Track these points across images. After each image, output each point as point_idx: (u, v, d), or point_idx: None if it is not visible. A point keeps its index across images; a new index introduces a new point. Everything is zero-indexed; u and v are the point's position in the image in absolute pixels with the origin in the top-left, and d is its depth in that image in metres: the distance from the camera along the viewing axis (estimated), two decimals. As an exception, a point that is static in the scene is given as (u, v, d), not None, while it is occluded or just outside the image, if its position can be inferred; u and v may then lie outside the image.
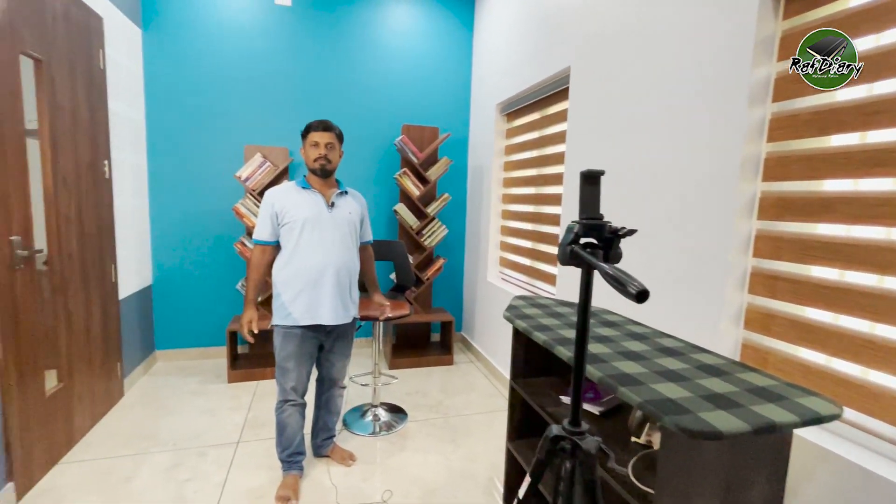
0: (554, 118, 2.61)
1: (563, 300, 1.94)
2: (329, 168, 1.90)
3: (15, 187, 1.76)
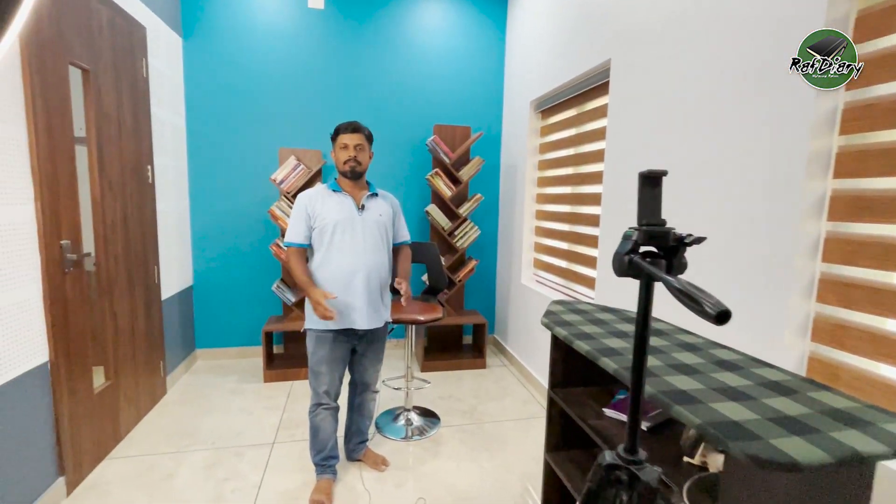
0: (592, 114, 2.50)
1: (604, 306, 1.84)
2: (359, 170, 1.88)
3: (65, 193, 1.83)
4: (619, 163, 2.12)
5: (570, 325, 1.57)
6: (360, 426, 2.11)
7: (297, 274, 1.83)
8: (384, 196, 2.01)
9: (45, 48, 1.72)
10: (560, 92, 2.79)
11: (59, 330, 1.80)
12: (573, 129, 2.74)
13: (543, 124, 3.15)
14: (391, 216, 1.99)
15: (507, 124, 3.61)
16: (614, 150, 2.16)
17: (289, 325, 3.12)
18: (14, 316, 1.60)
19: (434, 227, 3.39)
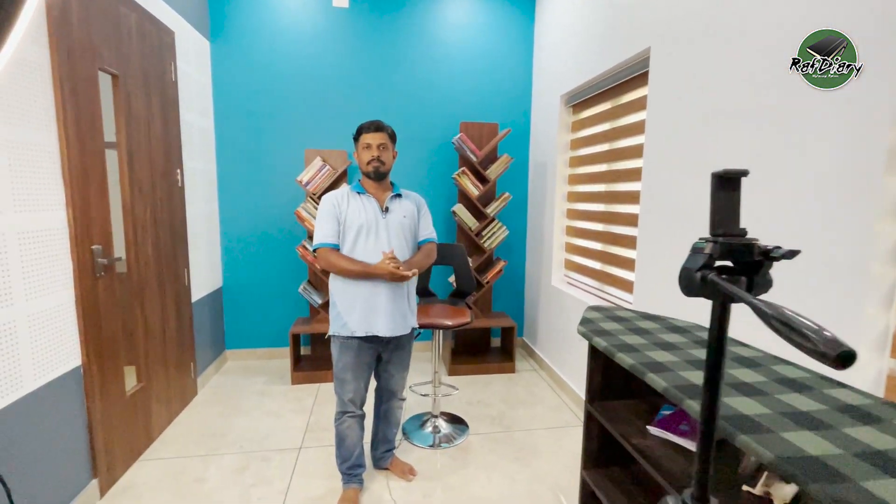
0: (629, 107, 2.36)
1: (645, 313, 1.71)
2: (382, 170, 1.82)
3: (95, 198, 1.85)
4: (660, 159, 1.98)
5: (610, 334, 1.46)
6: (387, 434, 2.06)
7: (346, 268, 1.73)
8: (408, 196, 1.94)
9: (75, 55, 1.73)
10: (593, 84, 2.65)
11: (91, 334, 1.82)
12: (607, 124, 2.60)
13: (574, 119, 3.01)
14: (416, 216, 1.91)
15: (536, 120, 3.49)
16: (654, 145, 2.02)
17: (316, 327, 3.11)
18: (48, 321, 1.61)
19: (461, 227, 3.30)
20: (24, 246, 1.51)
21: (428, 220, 1.97)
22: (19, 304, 1.49)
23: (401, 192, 1.91)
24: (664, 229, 1.95)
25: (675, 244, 1.89)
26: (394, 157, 1.88)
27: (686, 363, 1.23)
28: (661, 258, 1.98)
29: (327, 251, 1.77)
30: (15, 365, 1.47)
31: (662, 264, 1.97)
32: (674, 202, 1.89)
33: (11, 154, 1.45)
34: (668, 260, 1.93)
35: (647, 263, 2.09)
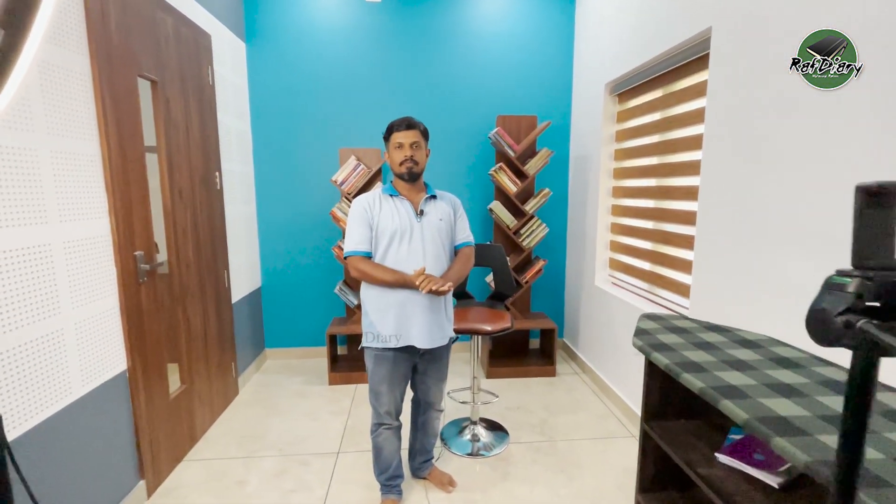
0: (684, 94, 2.17)
1: (708, 323, 1.55)
2: (416, 170, 1.71)
3: (137, 205, 1.86)
4: (724, 150, 1.79)
5: (671, 349, 1.32)
6: (425, 445, 1.99)
7: (379, 277, 1.64)
8: (443, 196, 1.82)
9: (115, 63, 1.73)
10: (642, 71, 2.45)
11: (135, 338, 1.85)
12: (658, 113, 2.41)
13: (621, 109, 2.82)
14: (452, 219, 1.80)
15: (578, 111, 3.30)
16: (717, 135, 1.83)
17: (352, 327, 3.09)
18: (94, 328, 1.64)
19: (498, 225, 3.19)
20: (70, 255, 1.53)
21: (465, 223, 1.85)
22: (66, 312, 1.51)
23: (435, 193, 1.81)
24: (729, 229, 1.77)
25: (742, 245, 1.70)
26: (427, 156, 1.77)
27: (765, 387, 1.08)
28: (725, 260, 1.80)
29: (358, 259, 1.67)
30: (63, 372, 1.49)
31: (726, 267, 1.79)
32: (741, 199, 1.70)
33: (56, 164, 1.47)
34: (734, 263, 1.75)
35: (708, 266, 1.91)
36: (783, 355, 1.28)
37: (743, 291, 1.71)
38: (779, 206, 1.53)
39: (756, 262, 1.64)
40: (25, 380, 1.35)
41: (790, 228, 1.49)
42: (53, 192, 1.46)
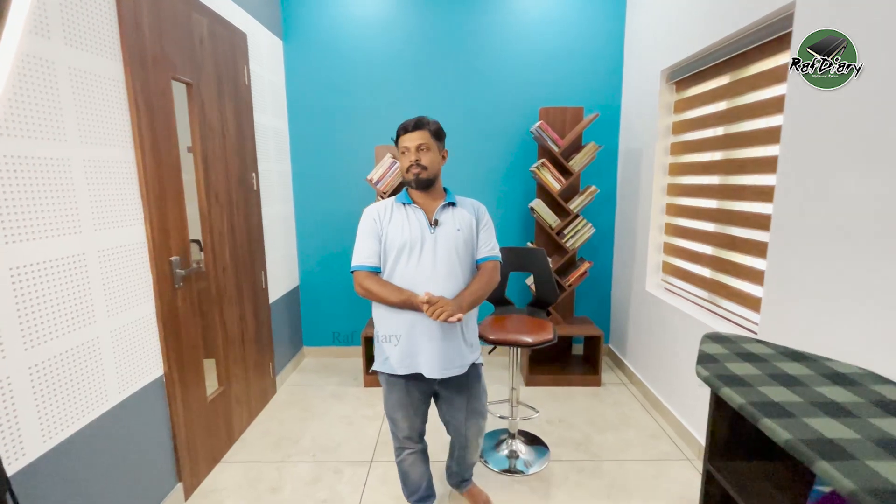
0: (757, 81, 1.90)
1: (786, 348, 1.34)
2: (424, 176, 1.50)
3: (172, 210, 1.85)
4: (810, 145, 1.54)
5: (745, 383, 1.13)
6: (461, 473, 1.86)
7: (383, 297, 1.47)
8: (464, 204, 1.61)
9: (148, 67, 1.71)
10: (707, 55, 2.19)
11: (172, 343, 1.85)
12: (724, 103, 2.14)
13: (679, 98, 2.55)
14: (472, 228, 1.58)
15: (629, 101, 3.05)
16: (800, 127, 1.58)
17: (387, 329, 3.02)
18: (131, 335, 1.64)
19: (540, 224, 3.01)
20: (105, 263, 1.52)
21: (489, 234, 1.61)
22: (101, 321, 1.51)
23: (455, 199, 1.60)
24: (813, 235, 1.52)
25: (830, 256, 1.46)
26: (444, 159, 1.58)
27: (873, 444, 0.88)
28: (807, 272, 1.56)
29: (364, 276, 1.52)
30: (99, 381, 1.50)
31: (808, 280, 1.55)
32: (833, 203, 1.46)
33: (89, 173, 1.46)
34: (819, 276, 1.51)
35: (784, 277, 1.66)
36: (890, 398, 1.06)
37: (829, 311, 1.47)
38: (881, 210, 1.29)
39: (849, 276, 1.39)
40: (62, 389, 1.36)
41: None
42: (87, 201, 1.45)
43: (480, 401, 1.67)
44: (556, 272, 3.00)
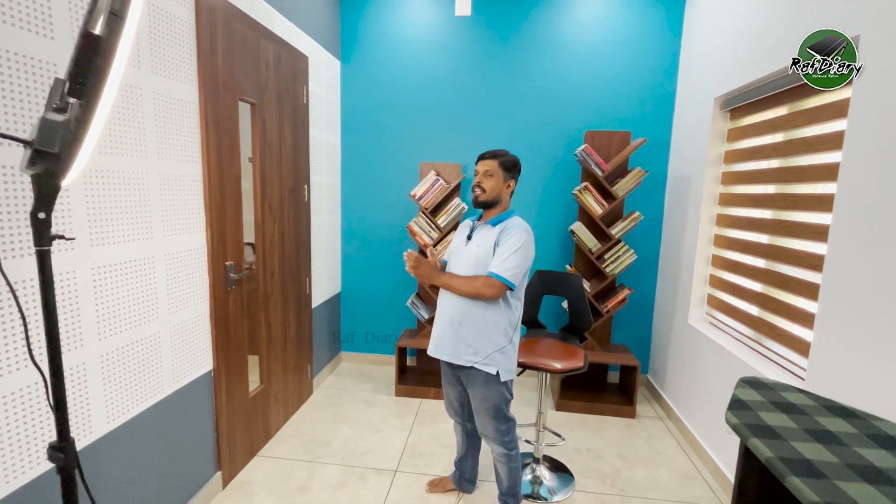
0: (816, 114, 1.82)
1: (830, 401, 1.26)
2: (482, 198, 1.78)
3: (230, 219, 2.03)
4: (870, 184, 1.45)
5: (778, 436, 1.09)
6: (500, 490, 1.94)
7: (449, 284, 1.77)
8: (502, 225, 1.75)
9: (219, 90, 1.90)
10: (763, 85, 2.11)
11: (221, 341, 2.01)
12: (780, 134, 2.05)
13: (732, 127, 2.47)
14: (491, 248, 1.71)
15: (680, 127, 2.97)
16: (859, 165, 1.49)
17: (421, 341, 3.10)
18: (188, 331, 1.81)
19: (580, 248, 2.98)
20: (170, 266, 1.69)
21: (503, 253, 1.67)
22: (163, 318, 1.68)
23: (500, 221, 1.77)
24: (871, 281, 1.43)
25: (891, 306, 1.37)
26: (508, 188, 1.80)
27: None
28: (864, 322, 1.46)
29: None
30: (157, 371, 1.66)
31: (865, 331, 1.45)
32: (891, 245, 1.37)
33: (162, 185, 1.63)
34: (878, 328, 1.41)
35: (837, 323, 1.56)
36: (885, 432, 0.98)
37: (886, 363, 1.37)
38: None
39: (907, 331, 1.30)
40: (126, 377, 1.52)
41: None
42: (159, 210, 1.63)
43: (485, 403, 1.78)
44: (593, 297, 2.95)
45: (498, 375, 1.73)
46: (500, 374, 1.73)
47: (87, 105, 0.62)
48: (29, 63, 1.16)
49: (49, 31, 1.21)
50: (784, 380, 1.83)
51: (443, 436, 2.60)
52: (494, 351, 1.72)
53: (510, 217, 1.77)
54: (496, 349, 1.72)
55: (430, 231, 3.04)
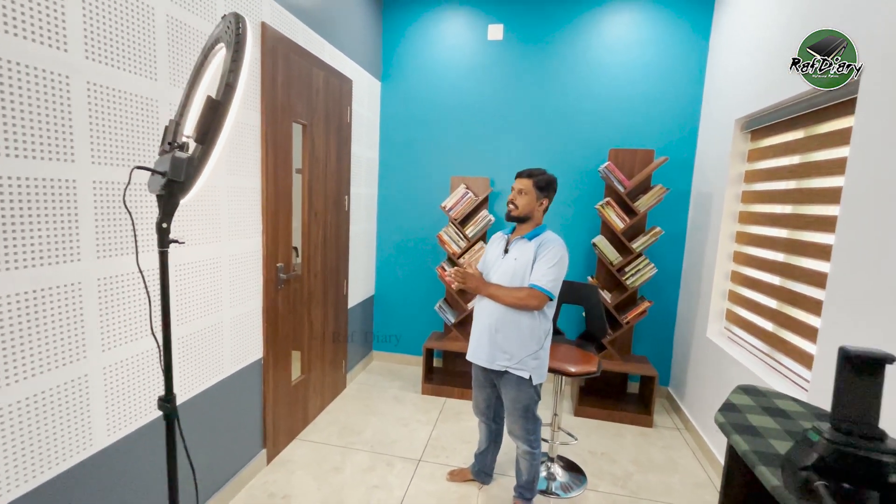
0: (826, 140, 1.90)
1: (820, 409, 1.36)
2: (514, 213, 1.94)
3: (282, 226, 2.31)
4: (866, 208, 1.55)
5: (760, 434, 1.21)
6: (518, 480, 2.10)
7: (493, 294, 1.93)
8: (538, 240, 1.91)
9: (277, 115, 2.19)
10: (780, 109, 2.20)
11: (270, 334, 2.28)
12: (797, 157, 2.14)
13: (753, 147, 2.55)
14: (529, 260, 1.87)
15: (704, 146, 3.06)
16: (858, 190, 1.59)
17: (447, 344, 3.29)
18: (244, 323, 2.08)
19: (601, 260, 3.10)
20: (232, 266, 1.98)
21: (542, 266, 1.84)
22: (225, 310, 1.96)
23: (535, 235, 1.92)
24: (873, 297, 1.52)
25: (884, 322, 1.46)
26: (541, 205, 1.95)
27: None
28: (864, 337, 1.54)
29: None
30: (219, 355, 1.94)
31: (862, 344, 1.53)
32: (890, 267, 1.46)
33: (230, 197, 1.92)
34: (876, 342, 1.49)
35: (838, 339, 1.65)
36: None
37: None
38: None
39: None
40: (196, 358, 1.80)
41: None
42: (227, 218, 1.91)
43: (515, 405, 1.95)
44: (614, 308, 3.06)
45: (530, 379, 1.90)
46: (531, 378, 1.89)
47: (207, 148, 0.87)
48: (138, 99, 1.46)
49: (153, 74, 1.51)
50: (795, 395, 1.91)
51: (464, 432, 2.78)
52: (527, 356, 1.88)
53: (544, 232, 1.94)
54: (529, 354, 1.89)
55: (458, 240, 3.25)
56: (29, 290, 1.18)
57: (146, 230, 1.50)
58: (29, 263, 1.17)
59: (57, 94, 1.21)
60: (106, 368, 1.41)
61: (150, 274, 1.51)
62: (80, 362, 1.33)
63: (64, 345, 1.28)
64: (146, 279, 1.35)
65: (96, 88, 1.32)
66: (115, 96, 1.38)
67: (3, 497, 1.15)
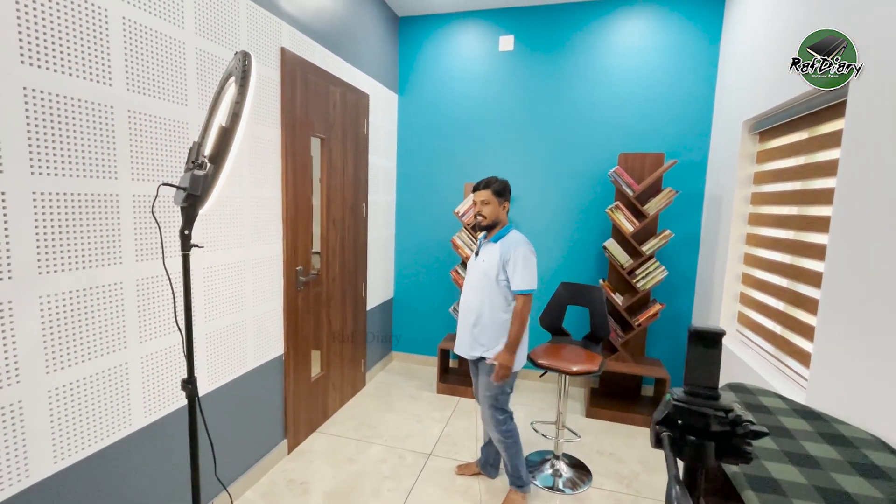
0: (825, 140, 1.91)
1: (802, 406, 1.40)
2: (484, 224, 2.11)
3: (301, 232, 2.49)
4: (857, 209, 1.56)
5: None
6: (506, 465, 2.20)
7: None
8: (505, 242, 2.06)
9: (296, 130, 2.38)
10: (784, 110, 2.21)
11: (291, 332, 2.47)
12: (803, 158, 2.14)
13: (761, 149, 2.54)
14: (497, 265, 2.03)
15: (716, 148, 3.05)
16: (851, 189, 1.60)
17: (461, 345, 3.40)
18: (266, 321, 2.28)
19: (612, 263, 3.14)
20: (255, 269, 2.17)
21: (515, 270, 2.00)
22: (249, 309, 2.15)
23: (500, 237, 2.08)
24: (868, 296, 1.53)
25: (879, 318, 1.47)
26: (504, 208, 2.12)
27: (816, 491, 1.00)
28: (857, 336, 1.55)
29: None
30: (243, 350, 2.14)
31: (857, 346, 1.55)
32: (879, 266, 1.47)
33: (252, 206, 2.12)
34: (870, 341, 1.51)
35: (833, 337, 1.66)
36: (876, 462, 1.12)
37: (881, 372, 1.46)
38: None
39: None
40: (221, 352, 2.00)
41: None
42: (250, 225, 2.11)
43: (484, 389, 2.10)
44: (626, 310, 3.09)
45: None
46: None
47: (217, 167, 1.03)
48: (171, 123, 1.67)
49: (184, 101, 1.72)
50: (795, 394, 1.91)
51: (475, 429, 2.88)
52: (500, 346, 2.05)
53: (508, 232, 2.10)
54: (502, 345, 2.04)
55: (471, 245, 3.36)
56: (81, 287, 1.38)
57: (174, 237, 1.70)
58: (81, 266, 1.38)
59: (103, 121, 1.42)
60: (143, 358, 1.61)
61: (178, 275, 1.71)
62: (122, 352, 1.53)
63: (108, 336, 1.48)
64: (172, 280, 1.54)
65: (135, 115, 1.53)
66: (151, 121, 1.59)
67: (65, 460, 1.36)
